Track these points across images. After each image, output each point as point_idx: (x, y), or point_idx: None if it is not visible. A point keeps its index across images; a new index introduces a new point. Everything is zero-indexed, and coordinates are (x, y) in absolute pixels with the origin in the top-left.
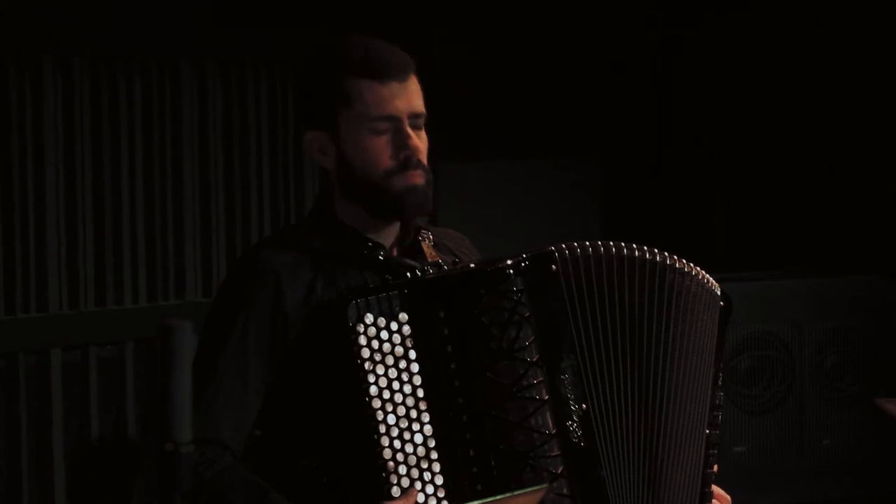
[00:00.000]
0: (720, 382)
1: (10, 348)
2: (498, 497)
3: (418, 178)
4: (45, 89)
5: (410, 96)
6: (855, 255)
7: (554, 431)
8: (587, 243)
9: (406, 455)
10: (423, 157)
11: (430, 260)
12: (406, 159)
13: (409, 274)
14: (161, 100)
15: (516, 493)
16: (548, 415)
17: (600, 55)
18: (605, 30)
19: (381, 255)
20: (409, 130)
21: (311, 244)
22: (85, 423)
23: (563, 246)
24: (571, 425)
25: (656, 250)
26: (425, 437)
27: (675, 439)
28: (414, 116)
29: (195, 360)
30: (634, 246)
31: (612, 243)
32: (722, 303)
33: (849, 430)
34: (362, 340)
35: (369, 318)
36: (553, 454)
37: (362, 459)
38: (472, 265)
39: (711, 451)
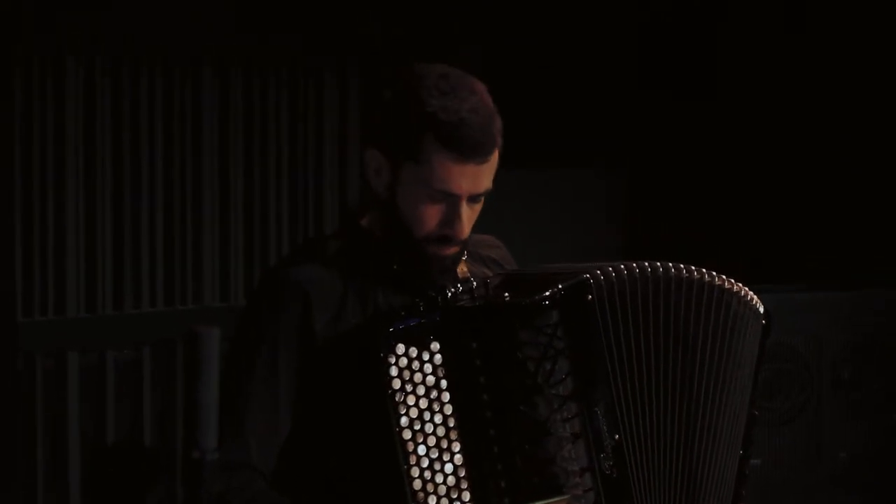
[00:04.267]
0: (756, 399)
1: (27, 350)
2: None
3: (451, 251)
4: (67, 91)
5: (480, 178)
6: (874, 268)
7: (586, 465)
8: (622, 266)
9: (436, 485)
10: (467, 230)
11: (461, 277)
12: (447, 236)
13: (440, 298)
14: (182, 104)
15: (536, 503)
16: (581, 449)
17: (622, 62)
18: (629, 36)
19: (412, 273)
20: (464, 208)
21: (340, 260)
22: (101, 426)
23: (599, 272)
24: (604, 457)
25: (693, 268)
26: (455, 467)
27: (714, 461)
28: (476, 195)
29: (223, 381)
30: (671, 265)
31: (647, 263)
32: (763, 321)
33: (866, 444)
34: (393, 371)
35: (401, 349)
36: (586, 488)
37: (392, 488)
38: (507, 295)
39: (744, 472)
